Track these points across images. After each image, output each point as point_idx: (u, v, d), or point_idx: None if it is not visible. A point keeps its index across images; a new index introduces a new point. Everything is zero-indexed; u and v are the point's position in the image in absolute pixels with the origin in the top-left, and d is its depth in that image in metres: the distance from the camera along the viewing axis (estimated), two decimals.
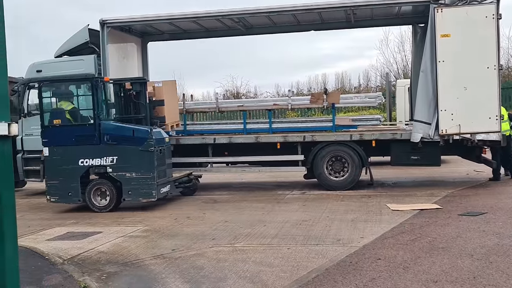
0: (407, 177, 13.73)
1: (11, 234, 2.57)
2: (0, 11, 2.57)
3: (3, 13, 2.57)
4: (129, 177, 10.11)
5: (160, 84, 12.30)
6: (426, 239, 6.82)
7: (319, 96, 13.64)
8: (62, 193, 10.35)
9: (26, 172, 12.84)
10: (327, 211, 9.24)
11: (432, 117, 10.95)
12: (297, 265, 5.92)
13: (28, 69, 12.73)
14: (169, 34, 14.30)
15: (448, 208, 9.00)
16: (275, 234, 7.57)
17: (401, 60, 34.77)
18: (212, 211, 9.86)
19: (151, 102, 11.53)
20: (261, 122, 14.21)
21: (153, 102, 11.64)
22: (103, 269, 6.09)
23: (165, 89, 12.35)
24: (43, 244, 7.48)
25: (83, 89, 10.93)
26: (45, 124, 10.41)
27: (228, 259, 6.28)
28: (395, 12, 12.60)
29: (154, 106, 11.72)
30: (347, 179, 11.81)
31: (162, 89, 12.18)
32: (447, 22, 10.62)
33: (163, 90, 12.19)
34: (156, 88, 12.15)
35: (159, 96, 11.98)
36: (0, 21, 2.56)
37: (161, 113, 12.11)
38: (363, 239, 6.98)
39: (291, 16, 12.68)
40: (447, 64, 10.68)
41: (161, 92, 12.09)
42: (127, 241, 7.52)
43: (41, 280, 5.68)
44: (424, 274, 5.33)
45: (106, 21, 12.08)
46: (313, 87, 40.86)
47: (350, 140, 11.89)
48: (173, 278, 5.61)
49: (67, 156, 10.25)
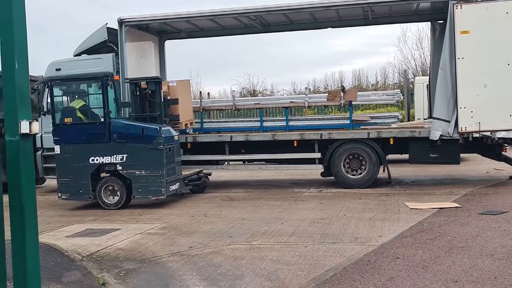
0: (426, 175, 13.60)
1: (32, 231, 2.60)
2: (22, 11, 2.59)
3: (24, 13, 2.60)
4: (138, 174, 10.18)
5: (174, 84, 12.43)
6: (445, 238, 6.74)
7: (336, 94, 13.57)
8: (73, 190, 10.46)
9: (45, 169, 13.01)
10: (345, 209, 9.20)
11: (451, 114, 10.83)
12: (314, 263, 5.90)
13: (48, 68, 12.87)
14: (186, 32, 14.34)
15: (468, 206, 8.89)
16: (292, 232, 7.55)
17: (419, 57, 34.46)
18: (229, 208, 9.88)
19: (166, 101, 11.63)
20: (277, 119, 14.20)
21: (167, 101, 11.73)
22: (121, 266, 6.13)
23: (179, 88, 12.44)
24: (62, 240, 7.57)
25: (94, 88, 11.04)
26: (56, 122, 10.53)
27: (245, 257, 6.28)
28: (413, 8, 12.47)
29: (168, 105, 11.81)
30: (365, 177, 11.74)
31: (176, 88, 12.29)
32: (466, 18, 10.49)
33: (177, 89, 12.29)
34: (171, 87, 12.26)
35: (173, 95, 12.08)
36: (22, 21, 2.58)
37: (176, 111, 12.20)
38: (381, 238, 6.93)
39: (308, 14, 12.63)
40: (466, 61, 10.54)
41: (176, 91, 12.20)
42: (145, 238, 7.57)
43: (60, 277, 5.73)
44: (444, 273, 5.27)
45: (124, 20, 12.16)
46: (329, 84, 40.66)
47: (368, 137, 11.81)
48: (190, 276, 5.63)
49: (78, 154, 10.36)
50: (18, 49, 2.54)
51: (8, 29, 2.53)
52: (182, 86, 12.79)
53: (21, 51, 2.55)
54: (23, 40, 2.58)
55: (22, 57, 2.55)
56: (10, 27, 2.54)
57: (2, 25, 2.52)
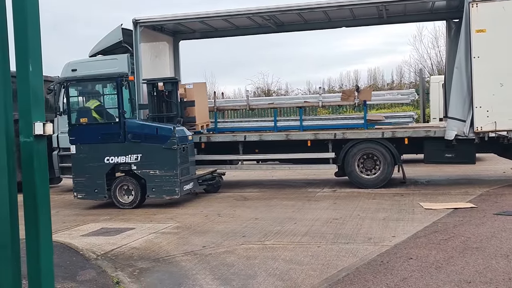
0: (441, 175, 13.50)
1: (46, 230, 2.65)
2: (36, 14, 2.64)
3: (38, 16, 2.64)
4: (152, 174, 10.25)
5: (191, 86, 12.63)
6: (459, 238, 6.70)
7: (350, 93, 13.52)
8: (89, 190, 10.57)
9: (61, 169, 13.16)
10: (358, 209, 9.17)
11: (466, 114, 10.74)
12: (327, 263, 5.90)
13: (64, 68, 13.01)
14: (201, 32, 14.40)
15: (483, 207, 8.81)
16: (305, 232, 7.56)
17: (435, 56, 34.15)
18: (242, 208, 9.91)
19: (182, 102, 11.80)
20: (291, 119, 14.20)
21: (184, 103, 11.89)
22: (136, 264, 6.19)
23: (195, 90, 12.63)
24: (77, 239, 7.66)
25: (109, 88, 11.15)
26: (72, 122, 10.66)
27: (258, 257, 6.30)
28: (428, 7, 12.38)
29: (185, 107, 11.93)
30: (379, 177, 11.69)
31: (193, 91, 12.50)
32: (482, 17, 10.39)
33: (194, 92, 12.49)
34: (187, 90, 12.48)
35: (190, 97, 12.26)
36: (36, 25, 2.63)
37: (192, 113, 12.37)
38: (394, 238, 6.91)
39: (322, 13, 12.60)
40: (482, 60, 10.44)
41: (192, 93, 12.39)
42: (159, 237, 7.63)
43: (75, 275, 5.81)
44: (457, 274, 5.24)
45: (139, 21, 12.25)
46: (344, 83, 40.51)
47: (382, 137, 11.75)
48: (203, 275, 5.66)
49: (93, 153, 10.47)
50: (32, 52, 2.60)
51: (22, 33, 2.59)
52: (198, 88, 12.99)
53: (35, 54, 2.60)
54: (37, 43, 2.63)
55: (36, 59, 2.60)
56: (25, 31, 2.59)
57: (16, 28, 2.57)
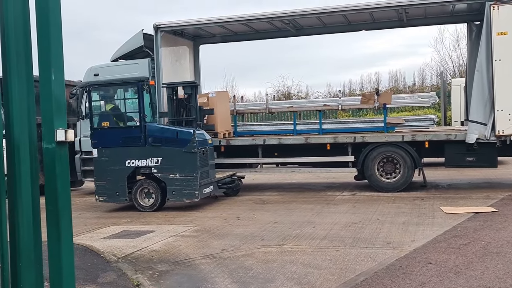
0: (462, 179, 13.36)
1: (67, 234, 2.73)
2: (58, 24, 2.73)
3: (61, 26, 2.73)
4: (173, 177, 10.35)
5: (214, 95, 12.91)
6: (480, 243, 6.64)
7: (370, 97, 13.48)
8: (110, 192, 10.71)
9: (83, 172, 13.36)
10: (378, 213, 9.15)
11: (488, 117, 10.64)
12: (345, 267, 5.91)
13: (86, 73, 13.23)
14: (221, 36, 14.50)
15: (505, 211, 8.72)
16: (324, 235, 7.57)
17: (457, 58, 33.77)
18: (261, 211, 9.95)
19: (202, 110, 11.93)
20: (311, 122, 14.21)
21: (203, 111, 12.01)
22: (155, 267, 6.27)
23: (218, 99, 12.88)
24: (99, 242, 7.78)
25: (130, 92, 11.31)
26: (94, 126, 10.83)
27: (276, 260, 6.34)
28: (449, 10, 12.29)
29: (204, 114, 12.06)
30: (399, 181, 11.62)
31: (215, 99, 12.76)
32: (503, 19, 10.29)
33: (216, 100, 12.72)
34: (210, 98, 12.71)
35: (212, 105, 12.41)
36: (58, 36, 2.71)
37: (211, 121, 12.60)
38: (414, 243, 6.88)
39: (342, 17, 12.60)
40: (504, 63, 10.34)
41: (214, 102, 12.56)
42: (179, 240, 7.71)
43: (96, 277, 5.91)
44: (477, 279, 5.20)
45: (159, 26, 12.41)
46: (365, 86, 40.35)
47: (402, 141, 11.68)
48: (222, 278, 5.72)
49: (115, 157, 10.61)
50: (54, 62, 2.69)
51: (45, 42, 2.68)
52: (221, 97, 13.28)
53: (57, 63, 2.69)
54: (59, 52, 2.72)
55: (58, 69, 2.69)
56: (47, 40, 2.68)
57: (39, 38, 2.67)
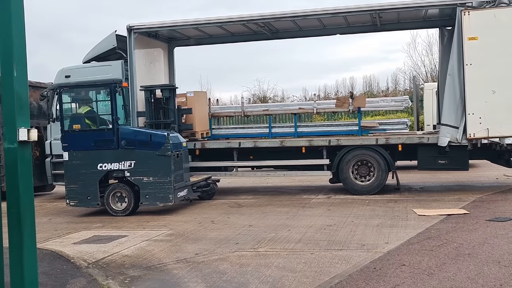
0: (435, 181, 13.51)
1: (29, 237, 2.61)
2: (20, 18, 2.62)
3: (23, 20, 2.62)
4: (146, 181, 10.20)
5: (192, 94, 12.91)
6: (452, 245, 6.69)
7: (344, 100, 13.55)
8: (82, 197, 10.49)
9: (54, 176, 13.09)
10: (352, 216, 9.16)
11: (459, 120, 10.77)
12: (320, 270, 5.88)
13: (57, 75, 12.95)
14: (195, 39, 14.40)
15: (476, 213, 8.82)
16: (298, 239, 7.54)
17: (429, 63, 34.20)
18: (236, 215, 9.88)
19: (180, 110, 11.86)
20: (286, 126, 14.22)
21: (181, 110, 11.94)
22: (127, 272, 6.14)
23: (196, 98, 12.89)
24: (69, 247, 7.60)
25: (103, 95, 11.13)
26: (65, 129, 10.61)
27: (251, 264, 6.27)
28: (421, 15, 12.43)
29: (182, 114, 11.98)
30: (373, 184, 11.69)
31: (193, 99, 12.78)
32: (474, 25, 10.44)
33: (194, 100, 12.73)
34: (188, 98, 12.73)
35: (190, 105, 12.36)
36: (21, 29, 2.61)
37: (189, 120, 12.56)
38: (388, 245, 6.89)
39: (317, 20, 12.62)
40: (474, 67, 10.49)
41: (193, 101, 12.51)
42: (152, 245, 7.58)
43: (65, 284, 5.76)
44: (449, 280, 5.22)
45: (133, 27, 12.25)
46: (340, 90, 40.61)
47: (376, 144, 11.76)
48: (195, 283, 5.63)
49: (86, 160, 10.40)
50: (17, 57, 2.56)
51: (6, 37, 2.56)
52: (199, 96, 13.28)
53: (20, 58, 2.57)
54: (22, 48, 2.60)
55: (21, 64, 2.57)
56: (9, 35, 2.56)
57: (1, 34, 2.55)
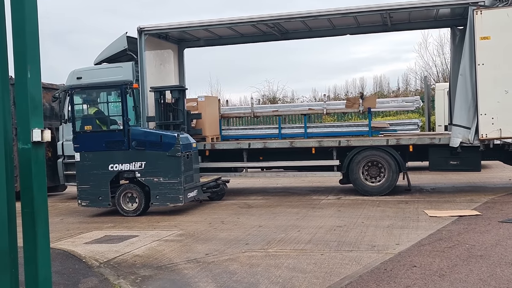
0: (446, 182, 13.43)
1: (43, 236, 2.64)
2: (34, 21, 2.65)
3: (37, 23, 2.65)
4: (156, 182, 10.24)
5: (203, 99, 13.00)
6: (464, 246, 6.65)
7: (354, 101, 13.53)
8: (93, 197, 10.55)
9: (66, 177, 13.18)
10: (363, 217, 9.13)
11: (471, 121, 10.70)
12: (330, 271, 5.87)
13: (69, 76, 13.08)
14: (205, 40, 14.44)
15: (488, 214, 8.75)
16: (308, 239, 7.53)
17: (441, 63, 34.06)
18: (246, 216, 9.88)
19: (189, 115, 11.92)
20: (296, 127, 14.23)
21: (191, 115, 11.97)
22: (138, 272, 6.17)
23: (207, 103, 13.01)
24: (81, 247, 7.66)
25: (114, 96, 11.20)
26: (76, 130, 10.68)
27: (260, 264, 6.28)
28: (433, 14, 12.37)
29: (191, 119, 12.03)
30: (384, 185, 11.64)
31: (204, 103, 12.89)
32: (486, 24, 10.37)
33: (205, 104, 12.84)
34: (199, 102, 12.84)
35: (201, 110, 12.47)
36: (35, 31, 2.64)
37: (199, 125, 12.67)
38: (398, 246, 6.86)
39: (327, 21, 12.60)
40: (487, 67, 10.41)
41: (203, 106, 12.57)
42: (162, 245, 7.61)
43: (77, 283, 5.80)
44: (461, 282, 5.19)
45: (143, 29, 12.32)
46: (350, 91, 40.51)
47: (387, 144, 11.71)
48: (205, 283, 5.64)
49: (98, 161, 10.46)
50: (30, 59, 2.60)
51: (21, 39, 2.59)
52: (210, 101, 13.42)
53: (33, 60, 2.60)
54: (35, 50, 2.63)
55: (34, 66, 2.60)
56: (23, 37, 2.59)
57: (15, 35, 2.58)
